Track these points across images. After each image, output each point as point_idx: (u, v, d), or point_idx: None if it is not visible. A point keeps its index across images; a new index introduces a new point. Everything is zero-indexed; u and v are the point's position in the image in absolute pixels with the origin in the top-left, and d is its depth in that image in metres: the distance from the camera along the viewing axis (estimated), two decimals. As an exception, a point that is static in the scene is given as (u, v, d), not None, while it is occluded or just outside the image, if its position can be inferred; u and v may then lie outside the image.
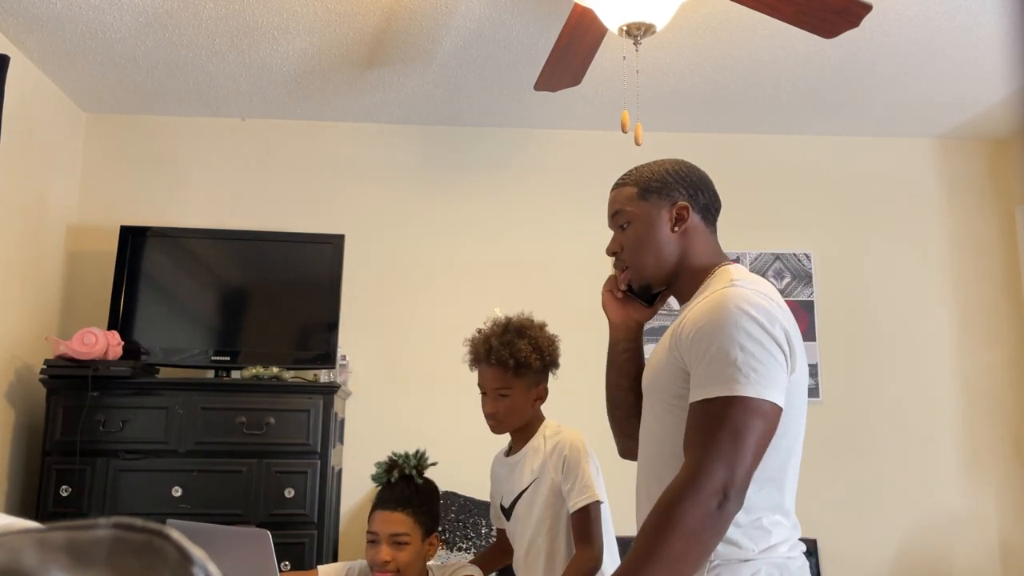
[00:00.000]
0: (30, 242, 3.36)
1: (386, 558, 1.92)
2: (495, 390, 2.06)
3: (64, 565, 0.38)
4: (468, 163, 3.96)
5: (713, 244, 1.54)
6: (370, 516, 2.01)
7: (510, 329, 2.10)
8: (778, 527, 1.35)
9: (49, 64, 3.33)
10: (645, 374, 1.54)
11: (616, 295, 1.65)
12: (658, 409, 1.45)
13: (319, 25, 3.03)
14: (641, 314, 1.64)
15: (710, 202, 1.55)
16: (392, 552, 1.93)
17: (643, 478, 1.49)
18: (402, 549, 1.94)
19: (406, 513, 1.96)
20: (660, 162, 1.57)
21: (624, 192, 1.56)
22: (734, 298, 1.34)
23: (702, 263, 1.51)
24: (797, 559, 1.38)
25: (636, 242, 1.53)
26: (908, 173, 4.09)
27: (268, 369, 3.24)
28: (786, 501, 1.38)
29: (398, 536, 1.94)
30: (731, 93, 3.62)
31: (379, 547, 1.93)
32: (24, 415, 3.24)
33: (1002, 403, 3.92)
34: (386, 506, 1.97)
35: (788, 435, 1.36)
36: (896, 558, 3.76)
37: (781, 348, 1.32)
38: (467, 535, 3.31)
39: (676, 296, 1.57)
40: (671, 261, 1.51)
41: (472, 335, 2.16)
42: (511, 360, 2.03)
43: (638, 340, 1.66)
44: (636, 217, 1.53)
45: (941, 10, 2.93)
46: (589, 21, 2.46)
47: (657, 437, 1.45)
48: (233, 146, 3.86)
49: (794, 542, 1.38)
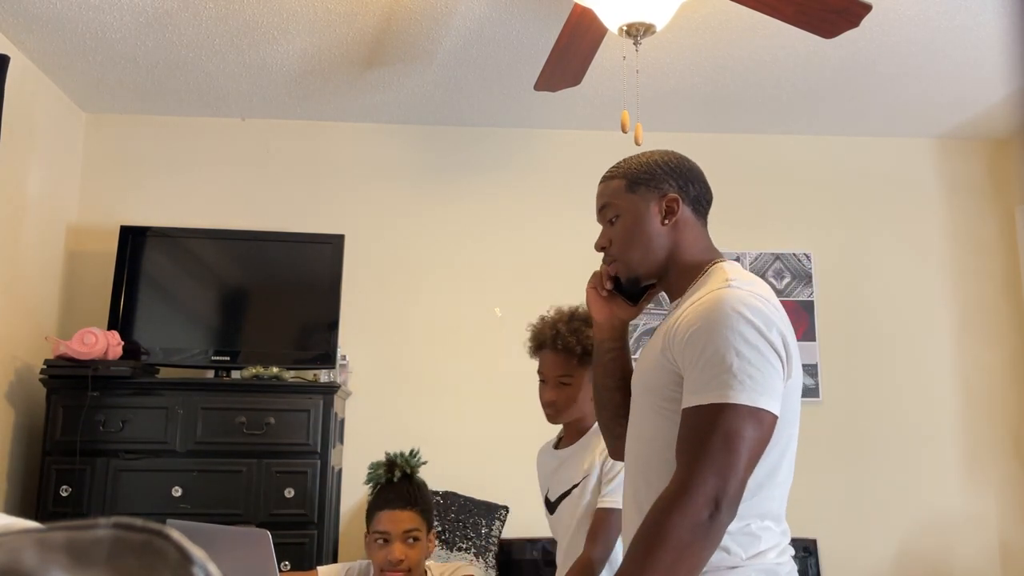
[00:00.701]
0: (30, 242, 3.36)
1: (401, 556, 1.93)
2: (556, 377, 2.03)
3: (64, 565, 0.38)
4: (468, 163, 3.96)
5: (704, 238, 1.50)
6: (373, 517, 2.01)
7: (576, 317, 2.06)
8: (767, 533, 1.33)
9: (49, 64, 3.33)
10: (635, 374, 1.50)
11: (601, 293, 1.59)
12: (648, 410, 1.42)
13: (319, 25, 3.03)
14: (626, 312, 1.59)
15: (701, 194, 1.50)
16: (405, 550, 1.94)
17: (630, 480, 1.47)
18: (414, 547, 1.96)
19: (415, 511, 1.99)
20: (649, 153, 1.53)
21: (612, 185, 1.52)
22: (730, 300, 1.31)
23: (693, 258, 1.47)
24: (786, 564, 1.35)
25: (625, 236, 1.49)
26: (908, 173, 4.10)
27: (268, 369, 3.24)
28: (775, 507, 1.36)
29: (411, 532, 1.96)
30: (731, 93, 3.62)
31: (391, 546, 1.94)
32: (24, 415, 3.24)
33: (1002, 403, 3.92)
34: (394, 505, 1.98)
35: (780, 442, 1.33)
36: (896, 558, 3.76)
37: (778, 354, 1.29)
38: (467, 535, 3.31)
39: (666, 291, 1.52)
40: (661, 255, 1.47)
41: (535, 322, 2.11)
42: (578, 347, 2.00)
43: (623, 339, 1.62)
44: (624, 210, 1.49)
45: (941, 10, 2.93)
46: (589, 21, 2.46)
47: (647, 439, 1.42)
48: (233, 146, 3.86)
49: (783, 547, 1.36)
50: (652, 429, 1.40)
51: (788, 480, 1.39)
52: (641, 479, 1.41)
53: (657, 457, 1.36)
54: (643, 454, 1.42)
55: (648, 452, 1.40)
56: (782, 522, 1.38)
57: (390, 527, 1.96)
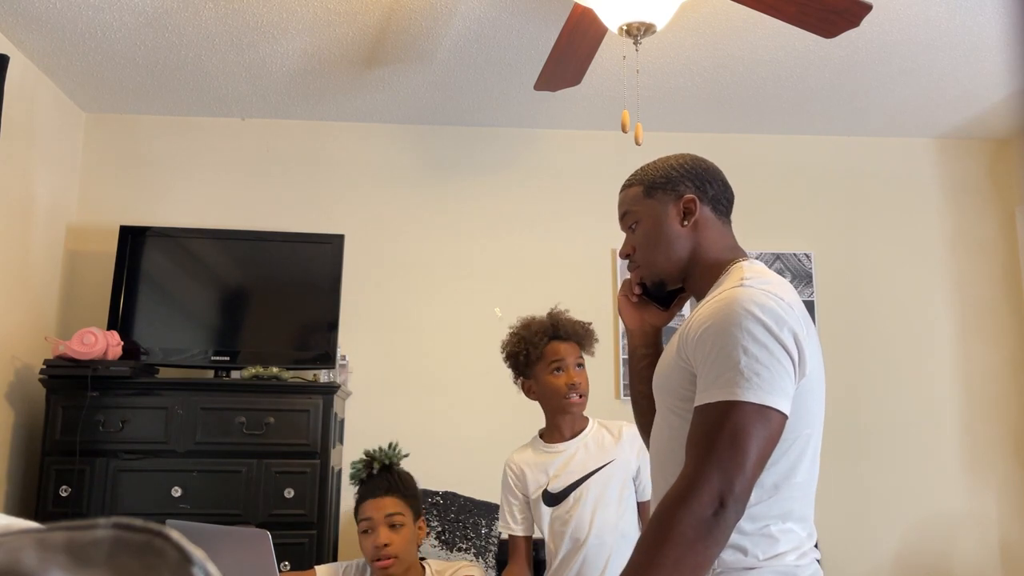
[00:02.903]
0: (30, 242, 3.36)
1: (386, 540, 1.99)
2: (575, 361, 2.18)
3: (64, 565, 0.38)
4: (468, 163, 3.96)
5: (727, 237, 1.50)
6: (359, 508, 2.08)
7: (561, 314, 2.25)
8: (788, 535, 1.32)
9: (49, 64, 3.33)
10: (654, 376, 1.51)
11: (631, 299, 1.61)
12: (666, 411, 1.43)
13: (319, 25, 3.03)
14: (657, 319, 1.60)
15: (720, 193, 1.50)
16: (389, 534, 2.00)
17: (655, 481, 1.49)
18: (398, 531, 2.02)
19: (396, 496, 2.06)
20: (665, 158, 1.54)
21: (630, 192, 1.54)
22: (741, 299, 1.30)
23: (716, 257, 1.47)
24: (807, 567, 1.34)
25: (646, 240, 1.50)
26: (908, 173, 4.10)
27: (268, 369, 3.23)
28: (798, 508, 1.34)
29: (393, 516, 2.03)
30: (731, 93, 3.62)
31: (376, 532, 2.01)
32: (23, 415, 3.24)
33: (1002, 403, 3.92)
34: (375, 494, 2.06)
35: (798, 441, 1.33)
36: (896, 558, 3.76)
37: (788, 352, 1.28)
38: (467, 535, 3.30)
39: (693, 294, 1.53)
40: (683, 256, 1.48)
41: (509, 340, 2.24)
42: (583, 329, 2.20)
43: (656, 345, 1.62)
44: (644, 215, 1.50)
45: (941, 10, 2.93)
46: (589, 21, 2.46)
47: (665, 440, 1.42)
48: (233, 146, 3.86)
49: (805, 550, 1.35)
50: (670, 430, 1.40)
51: (810, 481, 1.37)
52: (661, 480, 1.42)
53: (673, 457, 1.36)
54: (664, 455, 1.43)
55: (668, 454, 1.40)
56: (808, 524, 1.37)
57: (372, 513, 2.03)
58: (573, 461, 2.16)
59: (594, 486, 2.11)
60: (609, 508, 2.10)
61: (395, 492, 2.07)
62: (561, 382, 2.14)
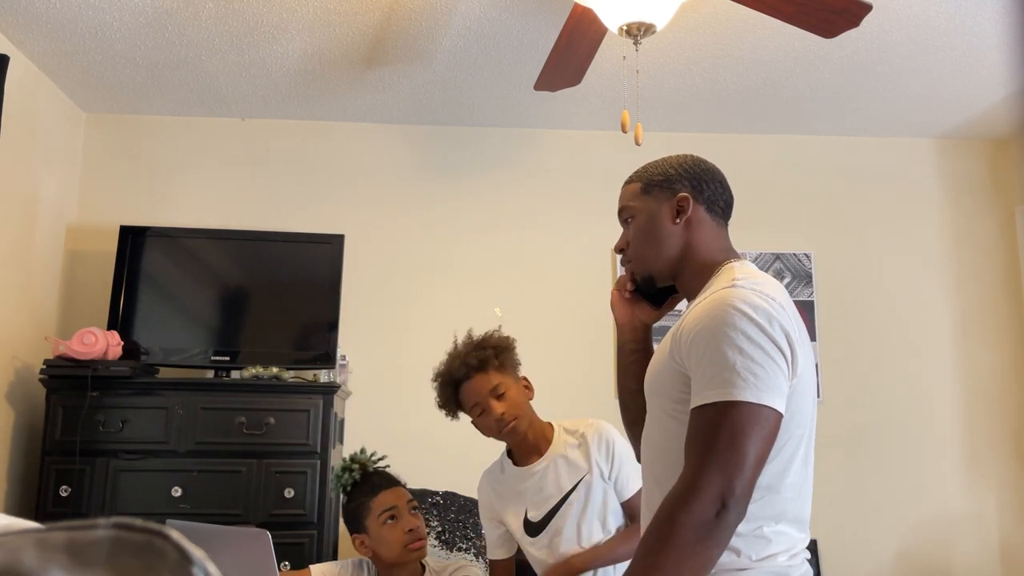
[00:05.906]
0: (30, 242, 3.36)
1: (415, 523, 2.06)
2: (488, 394, 2.04)
3: (64, 565, 0.38)
4: (468, 163, 3.96)
5: (721, 239, 1.51)
6: (367, 507, 2.08)
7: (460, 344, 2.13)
8: (781, 536, 1.32)
9: (49, 64, 3.33)
10: (646, 377, 1.50)
11: (624, 295, 1.63)
12: (659, 413, 1.42)
13: (319, 24, 3.03)
14: (648, 316, 1.62)
15: (716, 195, 1.51)
16: (415, 520, 2.07)
17: (645, 483, 1.48)
18: (418, 516, 2.09)
19: (404, 488, 2.14)
20: (667, 158, 1.56)
21: (629, 188, 1.56)
22: (732, 299, 1.31)
23: (707, 257, 1.48)
24: (798, 568, 1.34)
25: (638, 235, 1.52)
26: (908, 173, 4.09)
27: (268, 369, 3.23)
28: (792, 509, 1.34)
29: (412, 502, 2.10)
30: (731, 93, 3.62)
31: (404, 518, 2.06)
32: (24, 415, 3.24)
33: (1002, 403, 3.92)
34: (386, 485, 2.11)
35: (790, 442, 1.32)
36: (896, 558, 3.76)
37: (782, 351, 1.28)
38: (467, 535, 3.31)
39: (684, 294, 1.54)
40: (673, 254, 1.49)
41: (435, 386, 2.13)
42: (487, 351, 2.08)
43: (646, 342, 1.63)
44: (639, 211, 1.52)
45: (941, 10, 2.93)
46: (589, 21, 2.46)
47: (658, 442, 1.42)
48: (233, 146, 3.86)
49: (798, 551, 1.35)
50: (664, 432, 1.40)
51: (802, 482, 1.37)
52: (654, 482, 1.41)
53: (667, 459, 1.36)
54: (657, 457, 1.42)
55: (661, 455, 1.40)
56: (803, 526, 1.37)
57: (394, 500, 2.07)
58: (546, 482, 2.07)
59: (575, 505, 2.04)
60: (593, 524, 2.04)
61: (398, 484, 2.13)
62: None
